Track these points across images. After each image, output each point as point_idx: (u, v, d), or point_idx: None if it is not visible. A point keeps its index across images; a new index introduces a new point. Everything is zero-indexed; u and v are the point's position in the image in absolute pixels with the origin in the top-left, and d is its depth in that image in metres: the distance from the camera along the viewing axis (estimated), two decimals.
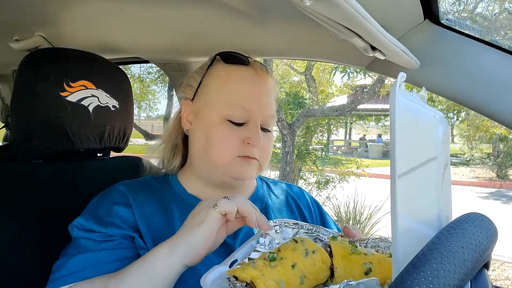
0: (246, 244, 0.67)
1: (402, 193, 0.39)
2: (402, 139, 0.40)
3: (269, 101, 0.82)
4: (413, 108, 0.46)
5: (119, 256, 0.69)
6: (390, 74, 0.93)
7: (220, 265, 0.59)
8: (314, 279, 0.60)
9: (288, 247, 0.62)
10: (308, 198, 0.97)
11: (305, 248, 0.62)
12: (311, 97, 5.19)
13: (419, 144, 0.47)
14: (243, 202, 0.64)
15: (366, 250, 0.63)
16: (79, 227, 0.73)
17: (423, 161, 0.47)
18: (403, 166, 0.40)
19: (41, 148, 0.90)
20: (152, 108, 9.04)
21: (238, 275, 0.55)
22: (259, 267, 0.56)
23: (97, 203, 0.77)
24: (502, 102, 0.70)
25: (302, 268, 0.59)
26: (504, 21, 3.69)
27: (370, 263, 0.60)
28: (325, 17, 0.53)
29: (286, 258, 0.59)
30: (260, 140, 0.76)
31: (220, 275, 0.57)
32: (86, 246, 0.70)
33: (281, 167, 4.37)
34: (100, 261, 0.68)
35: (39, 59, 0.90)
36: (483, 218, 0.40)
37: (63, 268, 0.67)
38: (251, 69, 0.81)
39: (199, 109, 0.81)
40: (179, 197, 0.82)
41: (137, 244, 0.72)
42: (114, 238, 0.71)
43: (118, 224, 0.72)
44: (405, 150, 0.41)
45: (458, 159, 14.59)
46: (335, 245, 0.65)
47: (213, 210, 0.62)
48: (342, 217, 4.49)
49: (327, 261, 0.62)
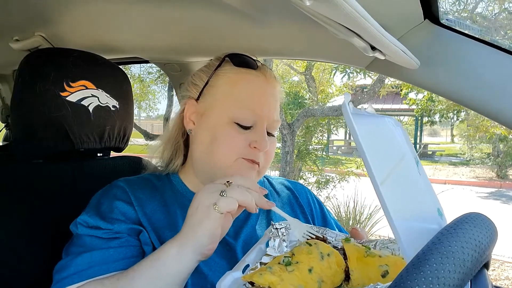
0: (255, 248, 0.65)
1: (389, 199, 0.41)
2: (370, 150, 0.43)
3: (276, 106, 0.82)
4: (367, 119, 0.50)
5: (125, 255, 0.69)
6: (390, 74, 0.93)
7: (233, 271, 0.58)
8: (331, 282, 0.59)
9: (302, 251, 0.60)
10: (310, 195, 0.97)
11: (320, 251, 0.60)
12: (311, 97, 5.19)
13: (385, 150, 0.50)
14: (240, 193, 0.61)
15: (380, 252, 0.62)
16: (84, 225, 0.72)
17: (395, 163, 0.49)
18: (380, 173, 0.42)
19: (41, 148, 0.90)
20: (152, 108, 9.05)
21: (256, 280, 0.53)
22: (276, 272, 0.54)
23: (98, 200, 0.76)
24: (502, 102, 0.70)
25: (319, 272, 0.57)
26: (504, 21, 3.68)
27: (387, 266, 0.58)
28: (325, 17, 0.53)
29: (302, 262, 0.58)
30: (266, 144, 0.76)
31: (235, 281, 0.56)
32: (92, 244, 0.69)
33: (281, 167, 4.37)
34: (107, 259, 0.67)
35: (39, 59, 0.90)
36: (483, 218, 0.40)
37: (69, 267, 0.67)
38: (261, 74, 0.81)
39: (204, 109, 0.80)
40: (180, 195, 0.82)
41: (143, 240, 0.72)
42: (121, 236, 0.71)
43: (123, 220, 0.72)
44: (377, 159, 0.44)
45: (458, 159, 14.60)
46: (350, 247, 0.63)
47: (213, 211, 0.60)
48: (342, 217, 4.49)
49: (341, 264, 0.61)
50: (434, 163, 13.79)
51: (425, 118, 13.91)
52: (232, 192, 0.61)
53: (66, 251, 0.71)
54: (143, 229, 0.73)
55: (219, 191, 0.62)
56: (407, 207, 0.46)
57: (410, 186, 0.50)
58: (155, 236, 0.73)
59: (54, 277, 0.68)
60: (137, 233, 0.73)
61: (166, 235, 0.74)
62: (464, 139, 11.59)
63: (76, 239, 0.72)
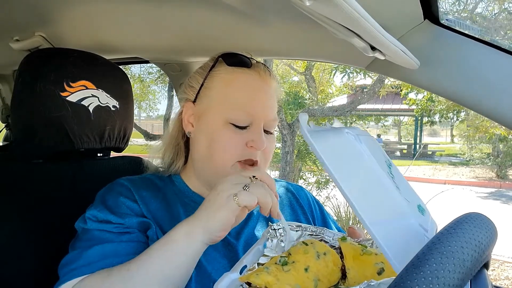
0: (253, 249, 0.66)
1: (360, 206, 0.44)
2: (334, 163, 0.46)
3: (272, 104, 0.82)
4: (326, 134, 0.53)
5: (136, 250, 0.68)
6: (390, 74, 0.93)
7: (230, 272, 0.58)
8: (327, 281, 0.59)
9: (299, 250, 0.61)
10: (309, 197, 0.97)
11: (316, 251, 0.61)
12: (311, 97, 5.19)
13: (348, 160, 0.52)
14: (262, 193, 0.62)
15: (376, 250, 0.63)
16: (93, 219, 0.71)
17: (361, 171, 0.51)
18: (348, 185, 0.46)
19: (41, 148, 0.90)
20: (152, 108, 9.06)
21: (252, 281, 0.54)
22: (273, 272, 0.55)
23: (103, 196, 0.76)
24: (501, 102, 0.70)
25: (315, 271, 0.58)
26: (504, 21, 3.69)
27: (382, 263, 0.59)
28: (325, 17, 0.53)
29: (298, 262, 0.58)
30: (263, 143, 0.76)
31: (232, 282, 0.56)
32: (102, 237, 0.69)
33: (281, 167, 4.37)
34: (118, 252, 0.67)
35: (39, 59, 0.90)
36: (482, 218, 0.40)
37: (79, 259, 0.66)
38: (255, 72, 0.81)
39: (201, 111, 0.81)
40: (182, 195, 0.82)
41: (150, 236, 0.72)
42: (132, 231, 0.71)
43: (132, 214, 0.72)
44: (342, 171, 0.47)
45: (458, 159, 14.60)
46: (346, 246, 0.64)
47: (232, 202, 0.61)
48: (342, 217, 4.48)
49: (338, 263, 0.62)
50: (434, 163, 13.79)
51: (425, 118, 13.93)
52: (255, 189, 0.62)
53: (73, 246, 0.70)
54: (152, 223, 0.73)
55: (243, 184, 0.63)
56: (380, 210, 0.48)
57: (380, 191, 0.51)
58: (161, 233, 0.72)
59: (62, 271, 0.66)
60: (146, 229, 0.73)
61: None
62: (464, 139, 11.59)
63: (84, 234, 0.71)
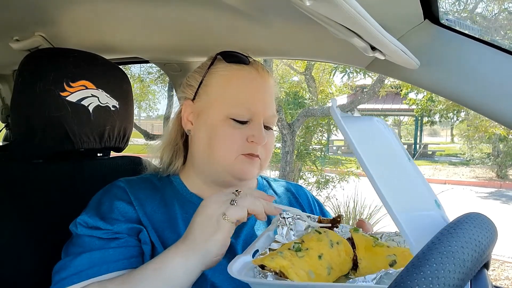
0: (263, 234, 0.66)
1: (388, 193, 0.43)
2: (364, 150, 0.46)
3: (271, 100, 0.83)
4: (356, 121, 0.53)
5: (125, 255, 0.69)
6: (390, 74, 0.93)
7: (243, 255, 0.59)
8: (339, 270, 0.60)
9: (312, 238, 0.61)
10: (309, 196, 0.98)
11: (330, 239, 0.61)
12: (311, 97, 5.19)
13: (377, 148, 0.52)
14: (250, 202, 0.63)
15: (387, 243, 0.63)
16: (84, 225, 0.72)
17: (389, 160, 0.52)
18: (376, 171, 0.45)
19: (41, 148, 0.90)
20: (152, 108, 9.07)
21: (267, 264, 0.54)
22: (287, 256, 0.56)
23: (99, 200, 0.76)
24: (501, 102, 0.70)
25: (329, 259, 0.59)
26: (504, 21, 3.69)
27: (395, 255, 0.59)
28: (325, 17, 0.53)
29: (312, 249, 0.59)
30: (264, 138, 0.77)
31: (245, 264, 0.57)
32: (91, 244, 0.69)
33: (281, 167, 4.37)
34: (106, 259, 0.67)
35: (39, 59, 0.90)
36: (483, 218, 0.40)
37: (69, 268, 0.67)
38: (253, 69, 0.82)
39: (201, 109, 0.81)
40: (180, 195, 0.82)
41: (142, 239, 0.72)
42: (121, 236, 0.71)
43: (123, 220, 0.72)
44: (371, 158, 0.46)
45: (458, 159, 14.59)
46: (358, 236, 0.64)
47: (224, 222, 0.61)
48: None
49: (350, 253, 0.62)
50: (434, 163, 13.79)
51: (425, 118, 13.92)
52: (242, 201, 0.63)
53: (66, 251, 0.71)
54: (143, 228, 0.73)
55: (229, 200, 0.63)
56: (406, 199, 0.48)
57: (405, 180, 0.51)
58: (155, 236, 0.73)
59: (54, 278, 0.68)
60: (137, 233, 0.73)
61: (166, 235, 0.74)
62: (464, 139, 11.58)
63: (76, 239, 0.72)
